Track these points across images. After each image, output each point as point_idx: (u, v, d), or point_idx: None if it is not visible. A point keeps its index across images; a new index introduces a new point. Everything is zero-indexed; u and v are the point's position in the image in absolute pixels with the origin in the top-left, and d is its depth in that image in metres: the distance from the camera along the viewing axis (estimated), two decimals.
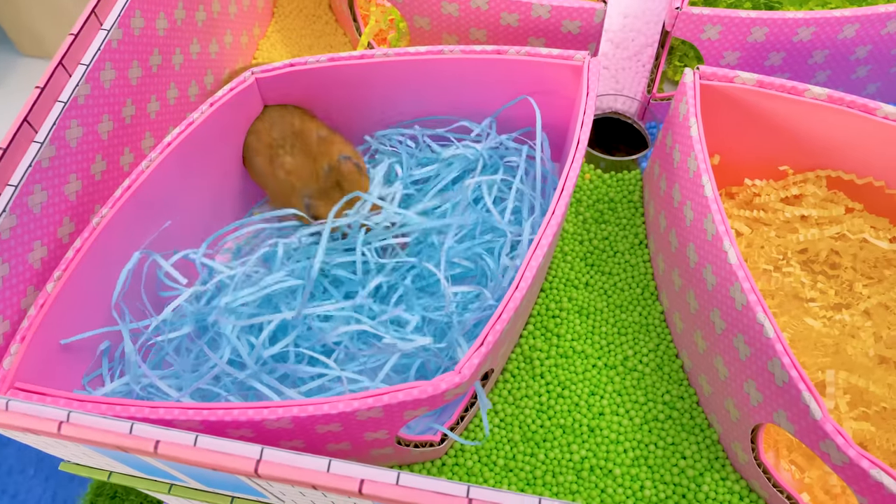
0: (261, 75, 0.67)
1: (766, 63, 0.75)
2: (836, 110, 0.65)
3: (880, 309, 0.67)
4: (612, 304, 0.73)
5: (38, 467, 1.10)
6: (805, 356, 0.65)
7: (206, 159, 0.67)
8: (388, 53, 0.68)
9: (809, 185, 0.71)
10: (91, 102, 0.61)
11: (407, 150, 0.75)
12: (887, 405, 0.62)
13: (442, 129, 0.76)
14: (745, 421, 0.59)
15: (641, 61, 0.90)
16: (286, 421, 0.50)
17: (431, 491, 0.40)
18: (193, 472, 0.54)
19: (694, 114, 0.63)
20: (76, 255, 0.57)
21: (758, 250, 0.70)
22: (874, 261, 0.70)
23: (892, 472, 0.47)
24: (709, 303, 0.60)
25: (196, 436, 0.42)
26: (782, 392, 0.53)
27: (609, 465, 0.64)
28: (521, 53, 0.68)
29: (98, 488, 1.14)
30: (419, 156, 0.75)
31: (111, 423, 0.43)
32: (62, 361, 0.58)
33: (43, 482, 1.11)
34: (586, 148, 0.80)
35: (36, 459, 1.08)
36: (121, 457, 0.53)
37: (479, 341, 0.52)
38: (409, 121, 0.76)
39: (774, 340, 0.52)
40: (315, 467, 0.41)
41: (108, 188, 0.65)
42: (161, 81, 0.71)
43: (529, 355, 0.69)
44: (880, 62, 0.77)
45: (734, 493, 0.63)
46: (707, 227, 0.59)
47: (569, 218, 0.78)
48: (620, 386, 0.68)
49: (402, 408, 0.51)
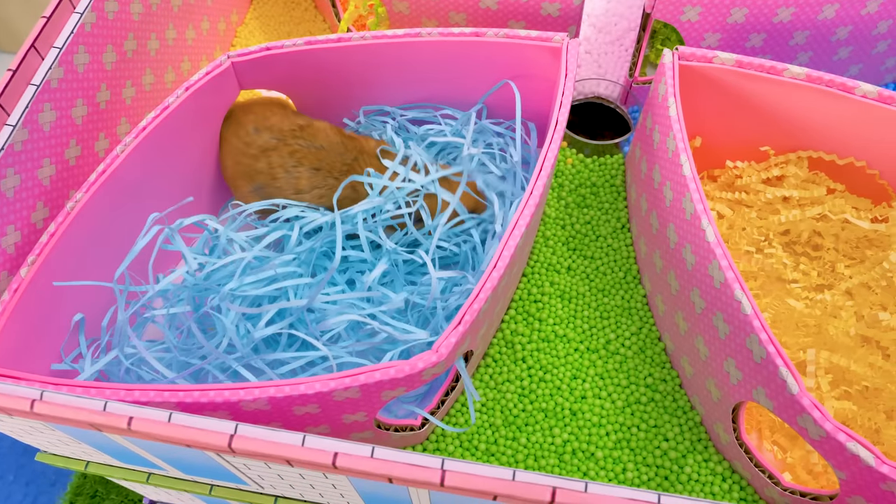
0: (237, 59, 0.68)
1: (746, 45, 0.77)
2: (815, 90, 0.66)
3: (862, 289, 0.68)
4: (595, 288, 0.74)
5: (18, 473, 1.11)
6: (787, 336, 0.67)
7: (183, 145, 0.68)
8: (365, 37, 0.69)
9: (791, 166, 0.73)
10: (64, 86, 0.62)
11: (392, 130, 0.77)
12: (869, 384, 0.63)
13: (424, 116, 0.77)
14: (725, 400, 0.60)
15: (624, 45, 0.91)
16: (263, 402, 0.51)
17: (406, 463, 0.41)
18: (170, 456, 0.54)
19: (672, 94, 0.64)
20: (50, 239, 0.58)
21: (739, 232, 0.72)
22: (856, 241, 0.71)
23: (868, 445, 0.49)
24: (689, 283, 0.62)
25: (170, 413, 0.43)
26: (760, 368, 0.54)
27: (591, 448, 0.65)
28: (500, 36, 0.69)
29: (78, 488, 1.15)
30: (403, 137, 0.77)
31: (85, 401, 0.44)
32: (37, 346, 0.59)
33: (23, 487, 1.12)
34: (569, 133, 0.82)
35: (16, 466, 1.09)
36: (97, 441, 0.54)
37: (457, 321, 0.53)
38: (391, 107, 0.77)
39: (752, 317, 0.54)
40: (290, 441, 0.42)
41: (82, 173, 0.66)
42: (136, 67, 0.72)
43: (511, 340, 0.71)
44: (861, 43, 0.78)
45: (717, 475, 0.64)
46: (686, 206, 0.60)
47: (551, 203, 0.79)
48: (602, 369, 0.69)
49: (380, 388, 0.52)
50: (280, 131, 0.70)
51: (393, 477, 0.41)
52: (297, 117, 0.72)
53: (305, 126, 0.71)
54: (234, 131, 0.72)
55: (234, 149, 0.71)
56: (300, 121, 0.71)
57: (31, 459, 1.15)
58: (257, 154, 0.70)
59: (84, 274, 0.62)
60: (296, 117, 0.72)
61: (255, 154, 0.70)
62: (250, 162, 0.70)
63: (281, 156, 0.69)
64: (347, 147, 0.70)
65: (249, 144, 0.70)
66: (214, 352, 0.61)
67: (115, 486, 1.13)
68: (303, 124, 0.71)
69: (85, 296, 0.63)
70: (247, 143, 0.70)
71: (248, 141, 0.70)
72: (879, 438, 0.62)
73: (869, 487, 0.51)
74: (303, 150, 0.69)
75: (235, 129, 0.71)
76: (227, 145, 0.72)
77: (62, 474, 1.16)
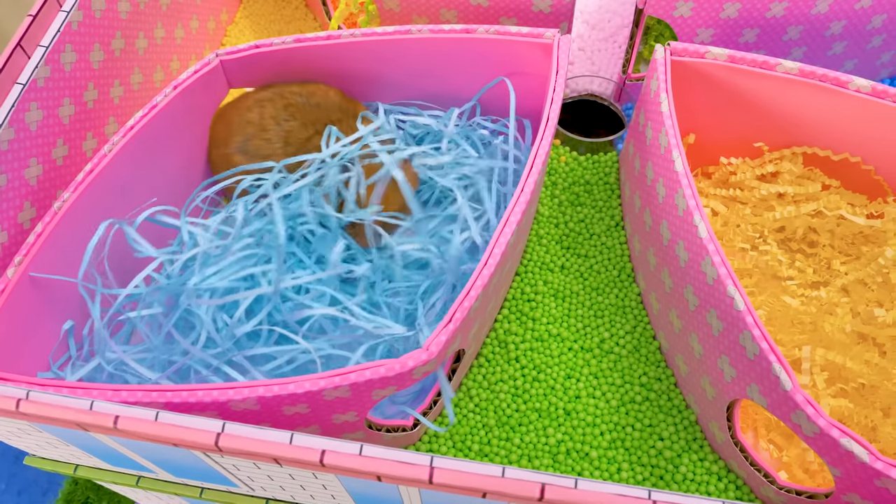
0: (225, 57, 0.69)
1: (740, 40, 0.77)
2: (808, 85, 0.67)
3: (858, 285, 0.69)
4: (589, 287, 0.74)
5: (10, 482, 1.11)
6: (782, 334, 0.67)
7: (171, 144, 0.69)
8: (355, 34, 0.69)
9: (785, 162, 0.73)
10: (51, 85, 0.63)
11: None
12: (865, 381, 0.64)
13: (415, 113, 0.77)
14: (720, 398, 0.61)
15: (618, 42, 0.92)
16: (252, 402, 0.52)
17: (394, 460, 0.41)
18: (159, 457, 0.55)
19: (664, 89, 0.65)
20: (37, 239, 0.58)
21: (733, 229, 0.72)
22: (852, 237, 0.72)
23: (861, 441, 0.49)
24: (682, 280, 0.62)
25: (157, 412, 0.43)
26: (754, 365, 0.54)
27: (585, 448, 0.66)
28: (491, 32, 0.69)
29: (69, 494, 1.15)
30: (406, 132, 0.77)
31: (71, 400, 0.44)
32: (25, 349, 0.59)
33: (15, 497, 1.12)
34: (563, 131, 0.83)
35: (7, 475, 1.09)
36: (84, 443, 0.55)
37: (447, 318, 0.54)
38: (378, 104, 0.77)
39: (745, 313, 0.54)
40: (277, 439, 0.42)
41: (70, 173, 0.66)
42: (124, 66, 0.73)
43: (504, 339, 0.71)
44: (856, 38, 0.79)
45: (712, 474, 0.65)
46: (678, 202, 0.61)
47: (544, 201, 0.79)
48: (597, 368, 0.70)
49: (370, 387, 0.52)
50: (279, 86, 0.71)
51: (381, 475, 0.41)
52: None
53: (305, 83, 0.71)
54: (233, 102, 0.73)
55: (228, 112, 0.72)
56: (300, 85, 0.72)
57: (23, 468, 1.15)
58: (251, 105, 0.70)
59: (72, 274, 0.62)
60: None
61: (249, 105, 0.70)
62: (242, 114, 0.70)
63: (275, 107, 0.70)
64: (340, 107, 0.71)
65: (246, 98, 0.71)
66: (193, 350, 0.61)
67: (106, 493, 1.14)
68: (302, 82, 0.72)
69: (73, 298, 0.63)
70: (242, 100, 0.71)
71: (244, 98, 0.71)
72: (876, 436, 0.62)
73: (864, 484, 0.51)
74: (298, 105, 0.70)
75: (234, 101, 0.73)
76: (222, 116, 0.73)
77: (54, 483, 1.16)
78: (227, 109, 0.73)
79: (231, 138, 0.71)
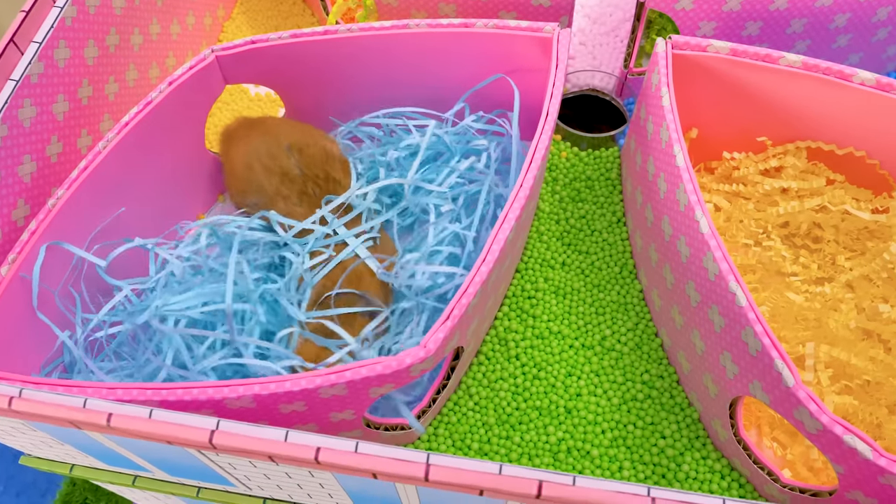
0: (221, 53, 0.69)
1: (743, 33, 0.77)
2: (812, 78, 0.67)
3: (862, 281, 0.69)
4: (590, 284, 0.74)
5: (8, 484, 1.12)
6: (786, 331, 0.67)
7: (167, 141, 0.69)
8: (352, 29, 0.70)
9: (789, 156, 0.73)
10: (45, 81, 0.63)
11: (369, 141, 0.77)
12: (870, 378, 0.64)
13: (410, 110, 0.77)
14: (722, 396, 0.61)
15: (619, 37, 0.92)
16: (248, 399, 0.52)
17: (390, 458, 0.41)
18: (154, 456, 0.55)
19: (666, 83, 0.65)
20: (31, 237, 0.59)
21: (737, 224, 0.72)
22: (856, 233, 0.72)
23: (865, 437, 0.49)
24: (684, 276, 0.62)
25: (151, 409, 0.43)
26: (756, 361, 0.54)
27: (587, 447, 0.66)
28: (489, 26, 0.69)
29: (67, 496, 1.15)
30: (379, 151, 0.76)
31: (64, 398, 0.44)
32: (18, 349, 0.59)
33: (14, 498, 1.13)
34: (564, 127, 0.83)
35: (5, 476, 1.10)
36: (79, 442, 0.55)
37: (445, 315, 0.54)
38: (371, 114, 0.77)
39: (747, 309, 0.54)
40: (272, 437, 0.42)
41: (64, 171, 0.67)
42: (119, 62, 0.73)
43: (504, 337, 0.71)
44: (861, 31, 0.78)
45: (715, 472, 0.64)
46: (679, 197, 0.61)
47: (545, 197, 0.79)
48: (598, 366, 0.70)
49: (367, 384, 0.53)
50: (309, 167, 0.69)
51: (377, 472, 0.41)
52: (331, 155, 0.72)
53: (329, 174, 0.70)
54: (264, 137, 0.71)
55: (255, 153, 0.70)
56: (330, 164, 0.71)
57: (22, 470, 1.15)
58: (274, 173, 0.69)
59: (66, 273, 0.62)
60: (330, 155, 0.71)
61: (273, 171, 0.69)
62: (263, 177, 0.70)
63: (290, 190, 0.69)
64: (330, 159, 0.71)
65: (274, 158, 0.69)
66: (166, 366, 0.61)
67: (104, 494, 1.14)
68: (329, 171, 0.70)
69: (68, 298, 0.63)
70: (272, 155, 0.70)
71: (275, 154, 0.69)
72: (881, 433, 0.62)
73: (867, 481, 0.51)
74: (310, 197, 0.69)
75: (265, 136, 0.71)
76: (248, 146, 0.71)
77: (53, 484, 1.16)
78: (256, 139, 0.72)
79: (240, 188, 0.72)
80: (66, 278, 0.62)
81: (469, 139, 0.76)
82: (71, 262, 0.63)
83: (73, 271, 0.63)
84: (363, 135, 0.78)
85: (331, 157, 0.71)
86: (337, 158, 0.72)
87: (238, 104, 0.87)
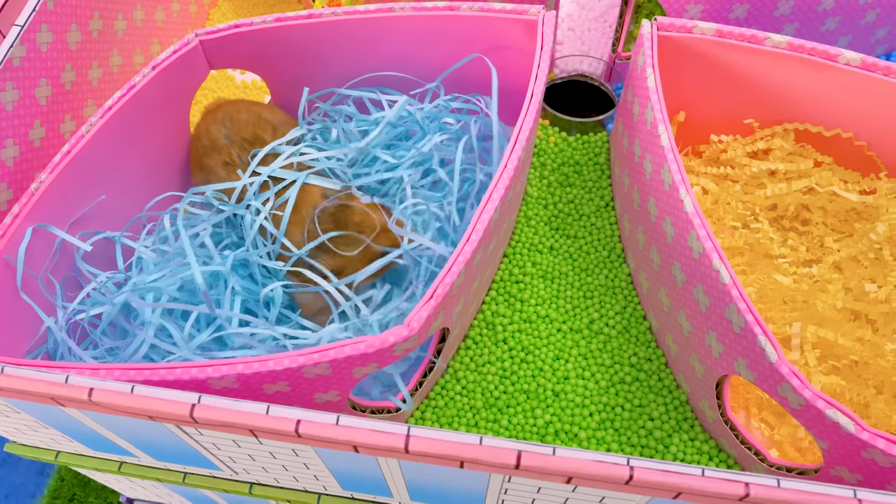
0: (205, 37, 0.70)
1: (730, 16, 0.78)
2: (798, 59, 0.68)
3: (850, 262, 0.70)
4: (578, 268, 0.75)
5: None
6: (773, 312, 0.68)
7: (151, 125, 0.70)
8: (336, 13, 0.70)
9: (777, 138, 0.74)
10: (27, 65, 0.64)
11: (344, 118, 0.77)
12: (857, 358, 0.65)
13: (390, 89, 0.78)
14: (709, 376, 0.62)
15: (608, 22, 0.93)
16: (231, 379, 0.53)
17: (370, 429, 0.42)
18: (139, 437, 0.56)
19: (650, 64, 0.66)
20: (14, 221, 0.59)
21: (724, 206, 0.73)
22: (844, 214, 0.73)
23: (847, 411, 0.50)
24: (669, 256, 0.63)
25: (132, 384, 0.44)
26: (740, 339, 0.55)
27: (574, 430, 0.67)
28: (475, 9, 0.70)
29: (55, 491, 1.16)
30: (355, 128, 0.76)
31: (45, 374, 0.45)
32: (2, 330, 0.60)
33: (3, 500, 1.14)
34: (553, 112, 0.84)
35: None
36: (63, 425, 0.56)
37: (429, 295, 0.55)
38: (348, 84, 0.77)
39: (730, 286, 0.55)
40: (254, 410, 0.43)
41: (47, 155, 0.67)
42: (103, 48, 0.74)
43: (492, 321, 0.72)
44: (849, 13, 0.80)
45: (703, 453, 0.65)
46: (664, 177, 0.62)
47: (533, 182, 0.80)
48: (586, 349, 0.71)
49: (350, 363, 0.53)
50: (237, 133, 0.70)
51: (358, 444, 0.42)
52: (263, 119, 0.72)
53: (259, 135, 0.71)
54: (207, 117, 0.73)
55: (197, 135, 0.73)
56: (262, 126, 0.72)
57: (10, 472, 1.16)
58: (209, 149, 0.71)
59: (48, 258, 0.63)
60: (262, 119, 0.72)
61: (208, 148, 0.71)
62: (202, 156, 0.72)
63: (215, 161, 0.71)
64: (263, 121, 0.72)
65: (208, 133, 0.71)
66: (155, 341, 0.62)
67: (93, 490, 1.15)
68: (259, 133, 0.71)
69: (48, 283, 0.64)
70: (207, 131, 0.72)
71: (210, 130, 0.72)
72: (868, 413, 0.63)
73: (851, 457, 0.52)
74: (235, 165, 0.70)
75: (207, 116, 0.73)
76: (195, 132, 0.74)
77: (42, 485, 1.17)
78: (201, 121, 0.74)
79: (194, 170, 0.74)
80: (48, 264, 0.63)
81: (443, 118, 0.76)
82: (52, 248, 0.63)
83: (54, 256, 0.63)
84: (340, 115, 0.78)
85: (262, 121, 0.72)
86: (270, 123, 0.72)
87: (224, 91, 0.88)
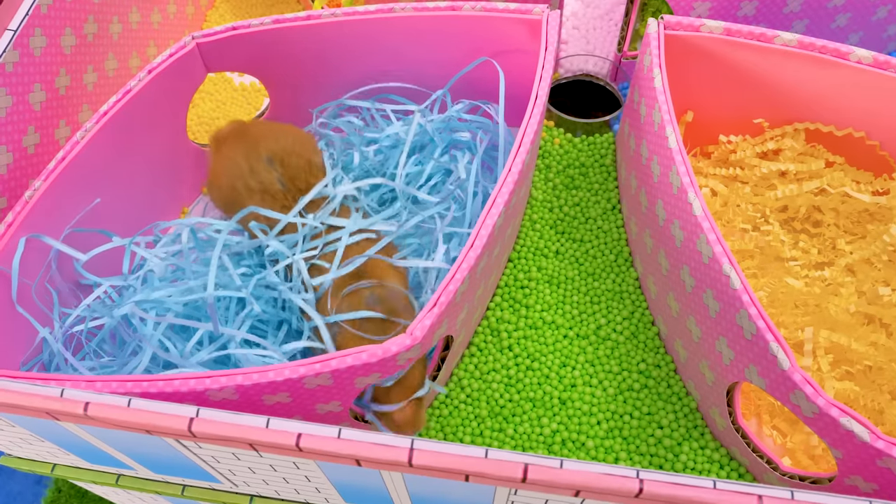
0: (202, 40, 0.70)
1: (738, 14, 0.78)
2: (808, 57, 0.67)
3: (863, 265, 0.69)
4: (584, 272, 0.75)
5: None
6: (784, 316, 0.67)
7: (147, 130, 0.69)
8: (335, 13, 0.70)
9: (787, 138, 0.73)
10: (20, 70, 0.63)
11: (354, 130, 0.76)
12: (871, 363, 0.64)
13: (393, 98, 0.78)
14: (719, 383, 0.61)
15: (613, 20, 0.92)
16: (230, 391, 0.52)
17: (373, 443, 0.42)
18: (137, 451, 0.55)
19: (658, 64, 0.65)
20: (7, 229, 0.59)
21: (734, 209, 0.73)
22: (857, 215, 0.72)
23: (862, 419, 0.50)
24: (678, 260, 0.63)
25: (129, 398, 0.44)
26: (751, 345, 0.55)
27: (582, 438, 0.66)
28: (477, 9, 0.70)
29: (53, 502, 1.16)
30: (365, 137, 0.76)
31: (40, 388, 0.45)
32: None
33: None
34: (558, 113, 0.83)
35: None
36: (59, 438, 0.55)
37: (432, 302, 0.54)
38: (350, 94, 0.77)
39: (741, 291, 0.55)
40: (253, 424, 0.43)
41: (42, 162, 0.67)
42: (98, 51, 0.74)
43: (497, 328, 0.72)
44: (860, 9, 0.79)
45: (714, 462, 0.65)
46: (672, 180, 0.61)
47: (538, 185, 0.80)
48: (593, 356, 0.70)
49: (352, 374, 0.53)
50: (291, 180, 0.67)
51: (360, 457, 0.42)
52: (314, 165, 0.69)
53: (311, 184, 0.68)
54: (244, 151, 0.67)
55: (238, 172, 0.67)
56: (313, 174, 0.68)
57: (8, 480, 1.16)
58: (255, 191, 0.66)
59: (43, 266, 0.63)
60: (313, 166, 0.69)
61: (254, 190, 0.66)
62: (246, 197, 0.67)
63: (272, 206, 0.66)
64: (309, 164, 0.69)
65: (255, 174, 0.67)
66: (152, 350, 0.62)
67: (91, 500, 1.15)
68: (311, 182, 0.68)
69: (46, 293, 0.64)
70: (254, 171, 0.66)
71: (256, 170, 0.66)
72: (883, 419, 0.63)
73: (866, 465, 0.51)
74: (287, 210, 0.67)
75: (246, 150, 0.67)
76: (229, 162, 0.68)
77: (39, 495, 1.17)
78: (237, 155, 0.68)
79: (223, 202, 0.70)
80: (43, 273, 0.63)
81: (454, 127, 0.76)
82: (48, 257, 0.63)
83: (50, 266, 0.63)
84: (343, 123, 0.78)
85: (314, 167, 0.69)
86: (320, 168, 0.69)
87: (221, 94, 0.88)
